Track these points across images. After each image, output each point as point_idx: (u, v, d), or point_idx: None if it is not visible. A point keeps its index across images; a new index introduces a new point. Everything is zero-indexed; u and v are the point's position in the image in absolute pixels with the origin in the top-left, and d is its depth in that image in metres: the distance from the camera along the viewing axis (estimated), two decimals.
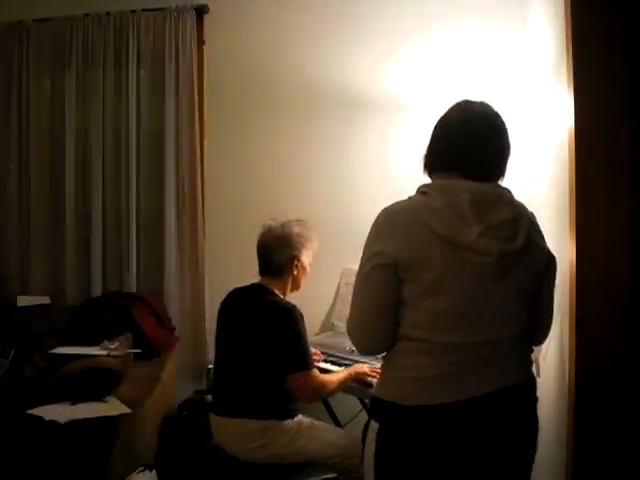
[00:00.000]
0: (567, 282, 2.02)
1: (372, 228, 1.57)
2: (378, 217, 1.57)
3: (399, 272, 1.49)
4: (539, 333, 1.68)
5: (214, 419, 2.41)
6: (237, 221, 3.31)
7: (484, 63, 3.03)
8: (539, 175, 2.82)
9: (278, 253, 2.45)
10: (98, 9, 3.36)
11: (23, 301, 3.19)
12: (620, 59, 1.86)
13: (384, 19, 3.20)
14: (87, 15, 3.36)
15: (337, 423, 2.86)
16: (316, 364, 2.65)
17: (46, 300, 3.26)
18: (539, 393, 2.02)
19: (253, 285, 2.47)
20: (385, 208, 1.57)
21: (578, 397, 1.91)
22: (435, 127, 1.66)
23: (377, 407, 1.57)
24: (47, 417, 2.15)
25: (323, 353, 2.76)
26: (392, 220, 1.53)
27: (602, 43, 1.87)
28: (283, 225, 2.48)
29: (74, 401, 2.29)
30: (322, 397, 2.61)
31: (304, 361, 2.30)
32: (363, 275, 1.54)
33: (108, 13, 3.35)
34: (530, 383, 1.60)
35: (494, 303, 1.50)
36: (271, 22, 3.33)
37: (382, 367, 1.64)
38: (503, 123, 1.65)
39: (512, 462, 1.53)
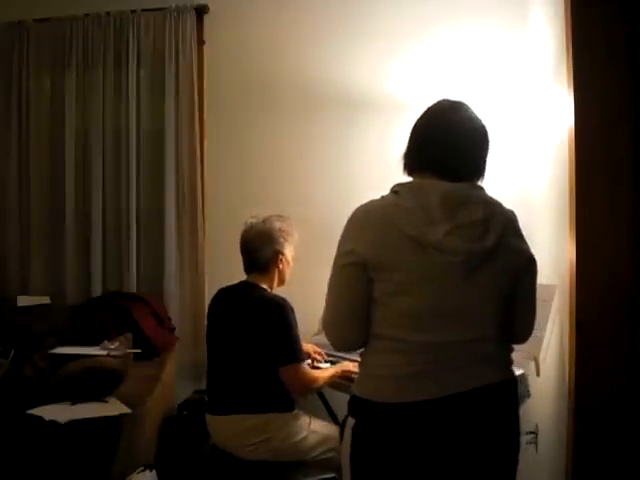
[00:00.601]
0: (567, 282, 2.02)
1: (345, 226, 1.60)
2: (351, 215, 1.59)
3: (369, 271, 1.51)
4: (519, 334, 1.66)
5: (210, 419, 2.42)
6: (237, 221, 3.29)
7: (484, 63, 3.03)
8: (539, 175, 2.82)
9: (262, 249, 2.47)
10: (98, 9, 3.36)
11: (23, 301, 3.19)
12: (620, 59, 1.86)
13: (384, 19, 3.21)
14: (87, 15, 3.36)
15: (335, 420, 2.87)
16: (317, 364, 2.67)
17: (46, 300, 3.26)
18: (539, 393, 2.02)
19: (241, 283, 2.50)
20: (358, 207, 1.60)
21: (578, 397, 1.91)
22: (412, 127, 1.66)
23: (353, 404, 1.59)
24: (47, 417, 2.15)
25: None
26: (363, 219, 1.56)
27: (602, 43, 1.87)
28: (264, 221, 2.50)
29: (74, 401, 2.29)
30: (312, 391, 2.61)
31: (294, 354, 2.31)
32: (335, 273, 1.58)
33: (108, 13, 3.35)
34: (509, 384, 1.59)
35: (465, 302, 1.51)
36: (271, 22, 3.33)
37: (359, 365, 1.65)
38: (480, 123, 1.64)
39: (490, 463, 1.52)
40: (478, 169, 1.61)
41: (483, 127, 1.64)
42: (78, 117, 3.39)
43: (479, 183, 1.62)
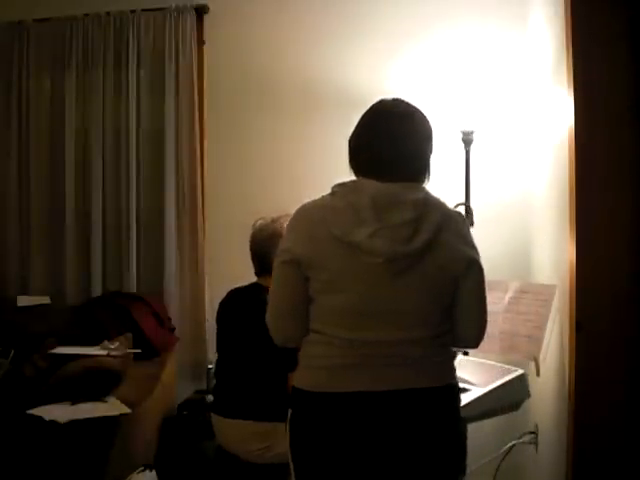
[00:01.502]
0: (567, 282, 2.02)
1: (287, 225, 1.63)
2: (293, 214, 1.62)
3: (303, 269, 1.54)
4: (462, 338, 1.62)
5: (216, 419, 2.41)
6: (237, 221, 3.29)
7: (484, 63, 3.03)
8: (539, 175, 2.82)
9: (273, 252, 2.44)
10: (98, 9, 3.35)
11: (23, 301, 3.19)
12: (620, 59, 1.86)
13: (384, 19, 3.20)
14: (87, 15, 3.36)
15: None
16: None
17: (46, 300, 3.26)
18: (539, 393, 2.02)
19: (252, 285, 2.47)
20: (300, 206, 1.62)
21: (578, 397, 1.91)
22: (353, 129, 1.67)
23: (291, 395, 1.62)
24: (47, 417, 2.15)
25: None
26: (299, 219, 1.59)
27: (602, 43, 1.87)
28: (274, 221, 2.46)
29: (74, 401, 2.29)
30: None
31: None
32: (274, 270, 1.61)
33: (108, 13, 3.35)
34: (447, 389, 1.56)
35: (396, 303, 1.51)
36: (271, 22, 3.33)
37: (299, 357, 1.67)
38: (421, 123, 1.62)
39: (416, 464, 1.52)
40: (417, 170, 1.59)
41: (424, 127, 1.62)
42: (78, 117, 3.39)
43: (425, 181, 1.61)
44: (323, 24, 3.28)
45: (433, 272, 1.52)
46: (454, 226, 1.56)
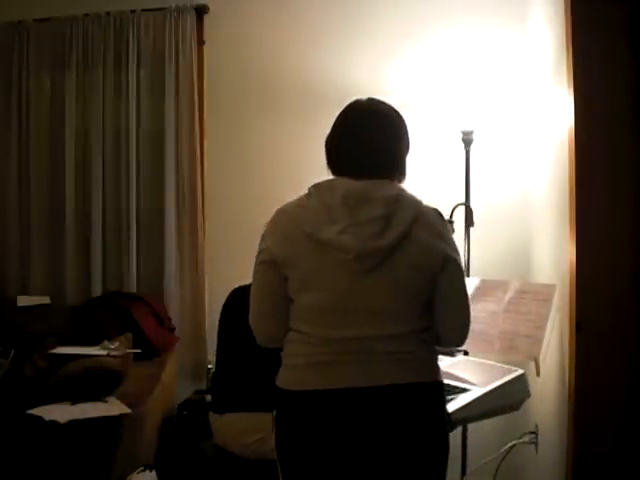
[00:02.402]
0: (567, 282, 2.02)
1: (266, 225, 1.65)
2: (272, 215, 1.64)
3: (279, 269, 1.56)
4: (443, 337, 1.61)
5: (213, 418, 2.42)
6: (237, 221, 3.30)
7: (484, 63, 3.03)
8: (539, 175, 2.82)
9: None
10: (98, 9, 3.35)
11: (23, 301, 3.19)
12: (620, 59, 1.86)
13: (384, 19, 3.20)
14: (87, 15, 3.36)
15: None
16: None
17: (46, 300, 3.26)
18: (539, 393, 2.02)
19: None
20: (278, 207, 1.65)
21: (578, 397, 1.91)
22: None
23: (274, 394, 1.63)
24: (47, 417, 2.15)
25: None
26: (276, 219, 1.62)
27: (602, 43, 1.87)
28: None
29: (74, 401, 2.28)
30: None
31: None
32: (254, 270, 1.63)
33: (108, 13, 3.35)
34: (430, 385, 1.57)
35: (366, 299, 1.52)
36: (271, 22, 3.33)
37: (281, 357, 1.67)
38: (392, 121, 1.64)
39: (406, 460, 1.52)
40: (389, 167, 1.61)
41: (397, 125, 1.64)
42: (78, 117, 3.39)
43: (401, 179, 1.63)
44: (323, 24, 3.28)
45: (406, 268, 1.52)
46: (428, 223, 1.55)
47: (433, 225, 1.56)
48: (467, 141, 2.90)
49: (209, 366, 3.15)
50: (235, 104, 3.37)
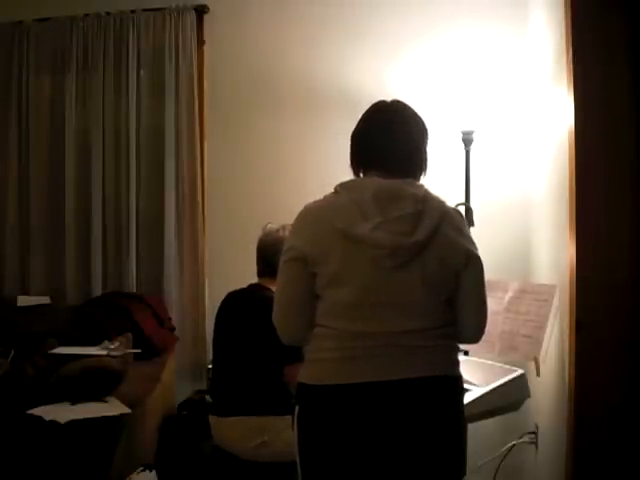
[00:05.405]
0: (567, 282, 2.02)
1: (292, 225, 1.68)
2: (297, 215, 1.66)
3: (309, 266, 1.58)
4: (463, 333, 1.65)
5: (214, 420, 2.42)
6: (237, 221, 3.30)
7: (484, 64, 3.03)
8: (539, 175, 2.83)
9: (276, 256, 2.46)
10: (98, 9, 3.36)
11: (23, 301, 3.19)
12: (620, 59, 1.86)
13: (384, 20, 3.20)
14: (87, 15, 3.36)
15: None
16: None
17: (46, 300, 3.26)
18: (539, 393, 2.02)
19: (250, 285, 2.50)
20: (302, 208, 1.67)
21: (578, 397, 1.91)
22: (353, 130, 1.74)
23: (297, 390, 1.64)
24: (47, 417, 2.15)
25: None
26: (303, 217, 1.65)
27: (602, 43, 1.87)
28: (284, 228, 2.51)
29: (74, 401, 2.28)
30: None
31: (300, 352, 2.31)
32: (280, 268, 1.65)
33: (108, 13, 3.35)
34: (449, 379, 1.59)
35: (398, 295, 1.55)
36: (271, 22, 3.33)
37: (304, 352, 1.68)
38: (417, 121, 1.71)
39: (421, 454, 1.53)
40: (415, 166, 1.68)
41: (422, 124, 1.71)
42: (78, 117, 3.39)
43: (421, 178, 1.69)
44: (323, 24, 3.28)
45: (434, 265, 1.56)
46: (453, 221, 1.61)
47: (456, 224, 1.62)
48: (467, 141, 2.90)
49: (209, 366, 3.15)
50: (235, 104, 3.37)
